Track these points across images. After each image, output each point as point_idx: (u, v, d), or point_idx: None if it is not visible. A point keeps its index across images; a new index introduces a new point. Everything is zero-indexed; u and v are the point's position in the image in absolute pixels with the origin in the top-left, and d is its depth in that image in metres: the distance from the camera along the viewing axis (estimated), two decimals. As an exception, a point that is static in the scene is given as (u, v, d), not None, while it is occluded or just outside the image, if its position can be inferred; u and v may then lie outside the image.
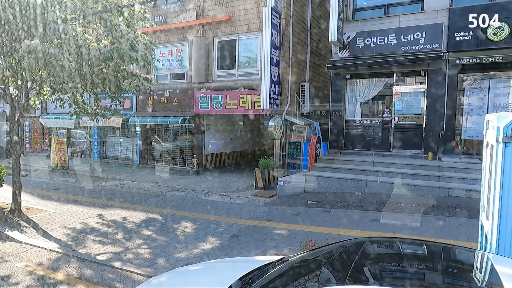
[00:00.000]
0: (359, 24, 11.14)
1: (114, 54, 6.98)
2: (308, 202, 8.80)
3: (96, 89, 8.83)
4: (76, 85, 7.16)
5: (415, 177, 8.91)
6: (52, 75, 6.34)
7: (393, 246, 2.89)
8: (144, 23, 8.80)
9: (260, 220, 7.77)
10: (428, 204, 7.74)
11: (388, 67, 10.59)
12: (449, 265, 2.69)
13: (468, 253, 2.96)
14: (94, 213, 8.57)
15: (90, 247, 6.36)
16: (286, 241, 6.38)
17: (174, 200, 10.05)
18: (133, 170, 15.02)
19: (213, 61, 13.70)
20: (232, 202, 9.74)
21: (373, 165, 9.83)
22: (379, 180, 9.00)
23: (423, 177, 8.86)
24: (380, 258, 2.76)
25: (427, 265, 2.64)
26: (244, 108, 12.61)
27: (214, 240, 6.60)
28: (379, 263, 2.65)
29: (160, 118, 14.14)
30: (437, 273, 2.51)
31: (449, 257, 2.85)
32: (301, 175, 10.76)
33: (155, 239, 6.75)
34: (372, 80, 11.29)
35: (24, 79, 7.17)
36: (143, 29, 12.71)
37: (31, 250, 6.36)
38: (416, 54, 10.11)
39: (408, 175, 9.07)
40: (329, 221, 7.41)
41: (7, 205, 8.94)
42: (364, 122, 11.48)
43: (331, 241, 4.75)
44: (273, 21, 11.22)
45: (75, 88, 7.11)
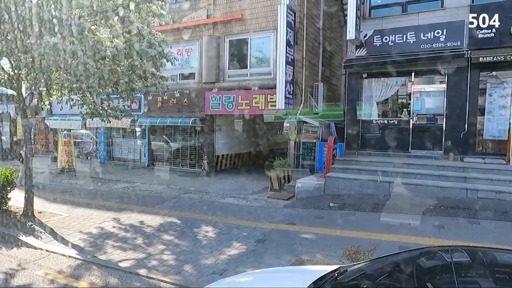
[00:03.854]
0: (376, 22, 10.90)
1: (132, 52, 6.71)
2: (330, 205, 8.53)
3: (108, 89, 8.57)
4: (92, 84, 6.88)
5: (440, 179, 8.65)
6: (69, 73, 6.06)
7: (477, 257, 2.62)
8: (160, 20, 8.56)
9: (283, 224, 7.50)
10: (459, 206, 7.48)
11: (407, 66, 10.34)
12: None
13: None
14: (109, 217, 8.29)
15: (111, 253, 6.08)
16: (316, 246, 6.10)
17: (189, 203, 9.77)
18: (142, 172, 14.73)
19: (224, 60, 13.44)
20: (249, 205, 9.46)
21: (394, 166, 9.57)
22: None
23: (448, 178, 8.60)
24: (473, 271, 2.49)
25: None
26: (257, 108, 12.35)
27: (239, 245, 6.32)
28: (477, 277, 2.38)
29: (170, 119, 13.86)
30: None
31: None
32: (319, 177, 10.51)
33: (177, 244, 6.47)
34: (390, 79, 11.04)
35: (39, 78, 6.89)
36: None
37: (49, 256, 6.07)
38: (436, 52, 9.86)
39: (432, 176, 8.81)
40: (356, 225, 7.13)
41: (17, 208, 8.66)
42: (381, 122, 11.22)
43: (374, 247, 4.48)
44: (288, 19, 10.98)
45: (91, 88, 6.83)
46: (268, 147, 17.36)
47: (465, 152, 9.82)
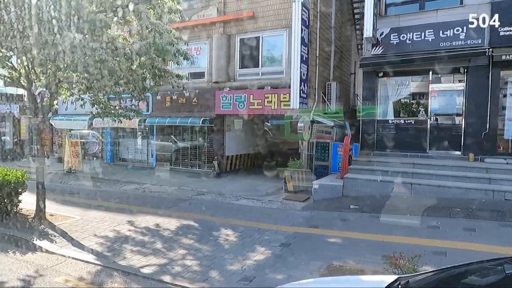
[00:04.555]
0: (393, 20, 10.67)
1: (151, 49, 6.47)
2: (351, 207, 8.29)
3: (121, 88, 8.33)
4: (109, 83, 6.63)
5: (463, 180, 8.41)
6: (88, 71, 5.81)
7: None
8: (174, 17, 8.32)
9: (305, 227, 7.25)
10: (486, 208, 7.25)
11: (425, 64, 10.11)
12: None
13: None
14: (123, 219, 8.03)
15: (130, 258, 5.83)
16: (344, 250, 5.86)
17: (203, 205, 9.52)
18: (150, 172, 14.48)
19: (235, 59, 13.19)
20: (265, 206, 9.22)
21: (413, 167, 9.34)
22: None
23: (471, 179, 8.36)
24: None
25: None
26: (269, 107, 12.10)
27: (264, 249, 6.07)
28: None
29: (179, 119, 13.60)
30: None
31: None
32: (334, 178, 10.27)
33: (198, 248, 6.22)
34: (407, 78, 10.82)
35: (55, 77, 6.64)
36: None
37: (66, 262, 5.82)
38: (456, 51, 9.64)
39: (454, 178, 8.57)
40: (381, 228, 6.89)
41: (28, 211, 8.42)
42: (397, 122, 10.98)
43: (420, 253, 4.24)
44: (302, 17, 10.74)
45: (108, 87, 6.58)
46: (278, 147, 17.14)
47: (485, 152, 9.59)
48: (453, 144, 10.13)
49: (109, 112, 9.31)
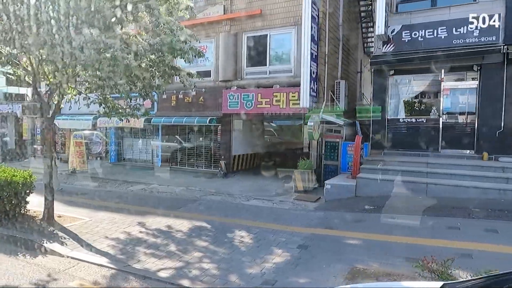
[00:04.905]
0: (404, 17, 10.50)
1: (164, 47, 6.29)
2: (365, 207, 8.13)
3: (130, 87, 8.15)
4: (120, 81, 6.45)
5: (479, 179, 8.25)
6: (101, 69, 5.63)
7: None
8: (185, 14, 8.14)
9: (321, 228, 7.08)
10: (506, 209, 7.09)
11: (437, 62, 9.95)
12: None
13: None
14: (133, 221, 7.85)
15: (145, 261, 5.65)
16: (365, 253, 5.69)
17: (213, 205, 9.35)
18: (156, 173, 14.30)
19: (242, 58, 13.02)
20: (277, 207, 9.06)
21: (427, 166, 9.17)
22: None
23: (488, 179, 8.21)
24: None
25: None
26: (278, 106, 11.93)
27: (281, 252, 5.90)
28: None
29: (186, 118, 13.42)
30: None
31: None
32: (345, 177, 10.11)
33: (214, 251, 6.05)
34: (418, 76, 10.66)
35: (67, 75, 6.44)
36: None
37: (79, 265, 5.64)
38: (469, 48, 9.47)
39: (470, 177, 8.41)
40: (399, 229, 6.72)
41: (35, 212, 8.24)
42: (408, 121, 10.82)
43: (453, 257, 4.08)
44: (312, 14, 10.57)
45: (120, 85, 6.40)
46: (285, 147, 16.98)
47: (499, 151, 9.44)
48: (466, 143, 9.98)
49: (118, 112, 9.14)
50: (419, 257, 5.24)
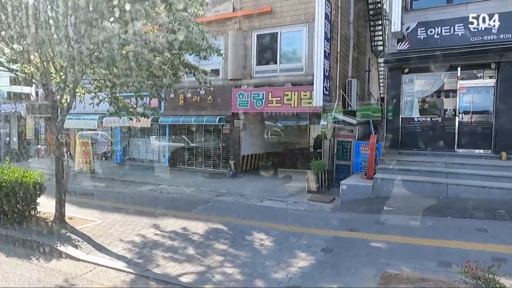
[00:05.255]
0: (419, 14, 10.29)
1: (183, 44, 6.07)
2: (384, 208, 7.92)
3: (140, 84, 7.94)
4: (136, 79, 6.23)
5: (501, 180, 8.04)
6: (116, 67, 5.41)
7: None
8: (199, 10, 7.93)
9: (342, 230, 6.88)
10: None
11: (453, 60, 9.74)
12: None
13: None
14: (146, 223, 7.64)
15: (165, 266, 5.44)
16: (393, 256, 5.47)
17: (227, 207, 9.14)
18: (163, 173, 14.08)
19: (251, 56, 12.82)
20: (292, 208, 8.85)
21: (446, 166, 8.96)
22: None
23: (510, 179, 8.00)
24: None
25: None
26: (289, 105, 11.73)
27: (305, 255, 5.69)
28: None
29: (194, 118, 13.21)
30: None
31: None
32: (360, 178, 9.91)
33: (235, 254, 5.84)
34: (433, 74, 10.42)
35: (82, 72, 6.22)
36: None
37: (96, 270, 5.43)
38: (487, 45, 9.26)
39: (491, 177, 8.20)
40: (424, 231, 6.52)
41: (45, 213, 8.03)
42: (423, 120, 10.61)
43: (499, 263, 3.87)
44: (326, 11, 10.36)
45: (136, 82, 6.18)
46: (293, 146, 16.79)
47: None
48: (484, 142, 9.77)
49: (129, 111, 8.94)
50: (451, 261, 5.09)
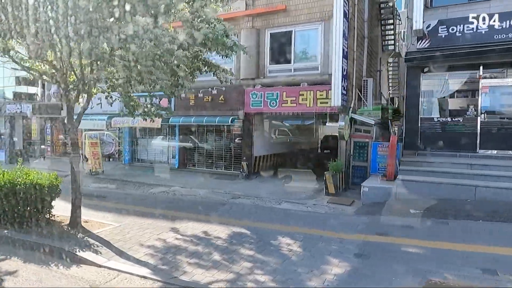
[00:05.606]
0: (440, 12, 10.04)
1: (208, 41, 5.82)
2: (411, 211, 7.66)
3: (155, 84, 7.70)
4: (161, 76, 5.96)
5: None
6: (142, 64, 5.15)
7: None
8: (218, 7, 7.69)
9: (371, 235, 6.61)
10: None
11: (475, 59, 9.48)
12: None
13: None
14: (164, 226, 7.38)
15: (192, 273, 5.17)
16: (434, 263, 5.19)
17: (245, 209, 8.89)
18: (174, 174, 13.81)
19: (265, 55, 12.57)
20: (312, 211, 8.60)
21: (471, 168, 8.72)
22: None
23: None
24: None
25: None
26: (304, 105, 11.47)
27: (338, 261, 5.43)
28: None
29: (206, 118, 12.95)
30: None
31: None
32: (380, 180, 9.65)
33: (263, 261, 5.57)
34: (454, 73, 10.19)
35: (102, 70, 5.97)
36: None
37: (119, 277, 5.17)
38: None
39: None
40: (457, 235, 6.27)
41: (58, 217, 7.75)
42: (443, 120, 10.35)
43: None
44: (344, 9, 10.12)
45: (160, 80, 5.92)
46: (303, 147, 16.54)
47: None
48: (508, 143, 9.50)
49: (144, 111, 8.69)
50: (496, 267, 4.84)
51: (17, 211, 6.81)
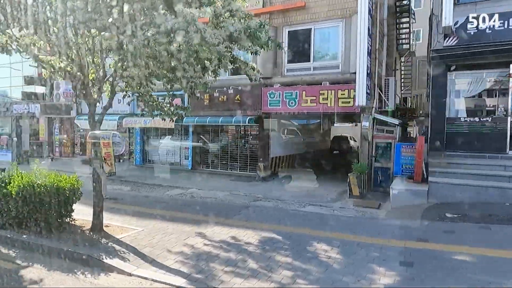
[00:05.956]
0: (468, 8, 9.70)
1: (244, 35, 5.50)
2: (447, 216, 7.32)
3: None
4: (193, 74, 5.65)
5: None
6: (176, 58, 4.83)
7: None
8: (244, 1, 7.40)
9: (411, 241, 6.25)
10: None
11: (506, 56, 9.13)
12: None
13: None
14: (189, 231, 7.04)
15: (230, 282, 4.84)
16: (486, 272, 4.86)
17: (269, 212, 8.56)
18: (187, 176, 13.48)
19: (282, 53, 12.22)
20: (341, 214, 8.27)
21: (505, 169, 8.37)
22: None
23: None
24: None
25: None
26: (325, 105, 11.14)
27: (384, 270, 5.09)
28: None
29: (222, 118, 12.62)
30: None
31: None
32: (407, 182, 9.31)
33: (304, 269, 5.23)
34: (483, 72, 9.85)
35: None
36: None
37: (153, 287, 4.84)
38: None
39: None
40: (506, 242, 5.93)
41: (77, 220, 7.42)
42: (471, 120, 10.01)
43: None
44: (369, 5, 9.79)
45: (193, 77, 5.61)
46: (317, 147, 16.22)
47: None
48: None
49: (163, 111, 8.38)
50: None
51: (37, 215, 6.50)
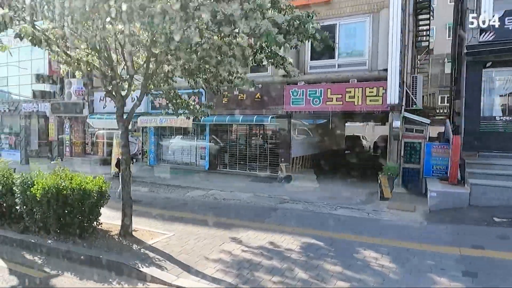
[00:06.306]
0: (506, 2, 9.27)
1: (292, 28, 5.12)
2: (495, 220, 6.91)
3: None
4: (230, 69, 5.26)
5: None
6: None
7: None
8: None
9: (466, 248, 5.82)
10: None
11: (547, 52, 8.74)
12: None
13: None
14: (222, 236, 6.65)
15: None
16: None
17: (301, 215, 8.16)
18: (205, 176, 13.08)
19: (305, 50, 11.82)
20: (376, 218, 7.86)
21: (551, 171, 7.95)
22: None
23: None
24: None
25: None
26: (351, 104, 10.73)
27: (448, 281, 4.68)
28: None
29: (242, 117, 12.22)
30: None
31: None
32: (442, 183, 8.90)
33: (359, 279, 4.83)
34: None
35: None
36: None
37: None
38: None
39: None
40: None
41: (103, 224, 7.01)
42: (507, 119, 9.59)
43: None
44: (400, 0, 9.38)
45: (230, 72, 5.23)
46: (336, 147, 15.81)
47: None
48: None
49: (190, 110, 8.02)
50: None
51: (63, 219, 6.12)
